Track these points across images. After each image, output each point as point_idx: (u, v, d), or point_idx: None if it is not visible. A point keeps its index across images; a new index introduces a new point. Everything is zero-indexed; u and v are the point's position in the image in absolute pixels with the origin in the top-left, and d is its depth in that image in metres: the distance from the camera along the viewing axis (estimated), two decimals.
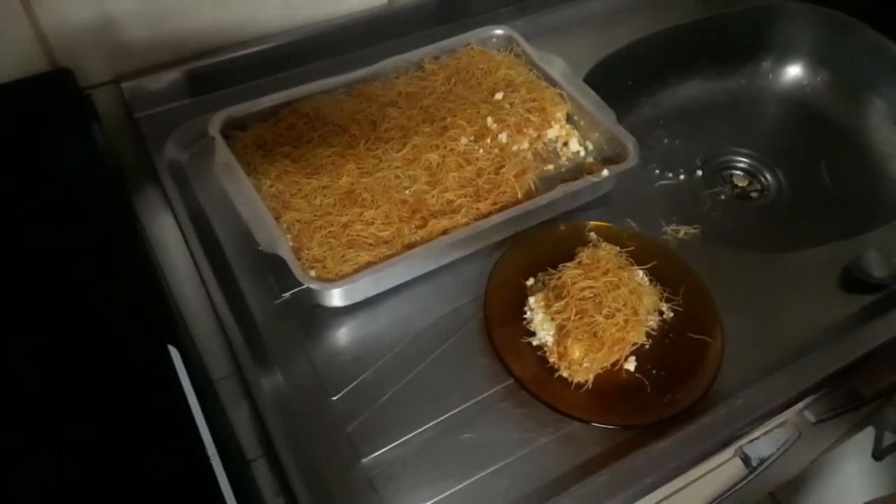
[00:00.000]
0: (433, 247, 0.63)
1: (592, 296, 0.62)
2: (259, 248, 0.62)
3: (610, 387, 0.61)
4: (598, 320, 0.61)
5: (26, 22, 0.68)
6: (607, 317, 0.61)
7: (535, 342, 0.63)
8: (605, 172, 0.71)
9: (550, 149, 0.77)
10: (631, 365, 0.62)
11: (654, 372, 0.62)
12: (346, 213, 0.65)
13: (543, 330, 0.63)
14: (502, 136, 0.74)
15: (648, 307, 0.64)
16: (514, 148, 0.74)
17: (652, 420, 0.58)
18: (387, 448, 0.57)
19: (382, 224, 0.65)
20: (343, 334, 0.64)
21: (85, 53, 0.73)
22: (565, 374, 0.61)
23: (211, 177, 0.70)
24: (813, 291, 0.69)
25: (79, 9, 0.70)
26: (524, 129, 0.75)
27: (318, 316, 0.64)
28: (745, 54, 1.02)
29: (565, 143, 0.77)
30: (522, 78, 0.79)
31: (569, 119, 0.78)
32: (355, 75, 0.76)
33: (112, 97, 0.76)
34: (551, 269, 0.66)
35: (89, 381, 0.52)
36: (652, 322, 0.64)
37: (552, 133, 0.76)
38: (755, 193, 0.93)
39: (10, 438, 0.49)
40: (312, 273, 0.61)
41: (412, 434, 0.57)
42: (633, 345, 0.62)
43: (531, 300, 0.64)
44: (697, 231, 0.73)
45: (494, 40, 0.83)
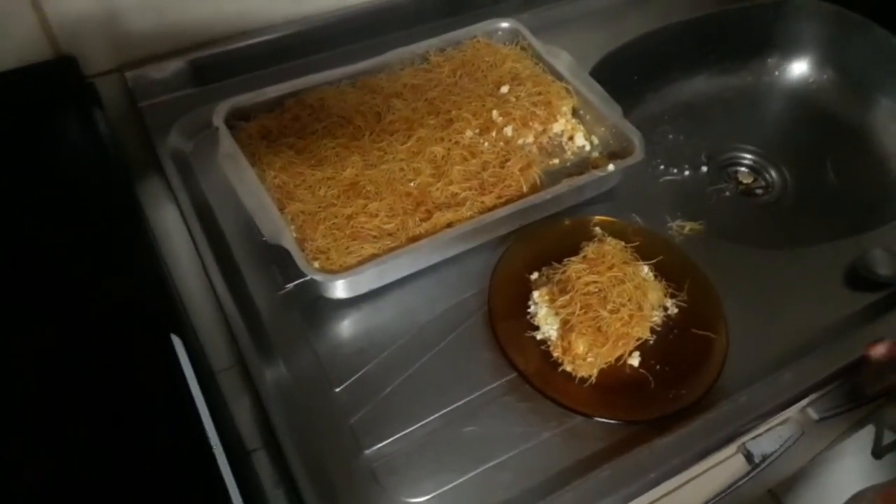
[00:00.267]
0: (437, 240, 0.63)
1: (597, 290, 0.62)
2: (263, 238, 0.62)
3: (614, 382, 0.60)
4: (603, 315, 0.61)
5: (30, 9, 0.68)
6: (612, 312, 0.61)
7: (539, 336, 0.62)
8: (611, 167, 0.70)
9: (556, 143, 0.76)
10: (635, 360, 0.62)
11: (657, 367, 0.62)
12: (350, 204, 0.65)
13: (547, 324, 0.62)
14: (508, 130, 0.74)
15: (653, 302, 0.64)
16: (520, 141, 0.74)
17: (655, 415, 0.58)
18: (389, 440, 0.57)
19: (387, 216, 0.65)
20: (346, 326, 0.63)
21: (89, 42, 0.72)
22: (569, 369, 0.60)
23: (215, 167, 0.69)
24: (818, 289, 0.69)
25: None
26: (530, 123, 0.75)
27: (321, 308, 0.64)
28: (751, 50, 1.01)
29: (571, 138, 0.77)
30: (528, 71, 0.79)
31: (574, 113, 0.78)
32: (360, 67, 0.76)
33: (116, 86, 0.76)
34: (556, 264, 0.66)
35: (92, 371, 0.52)
36: (656, 317, 0.64)
37: (558, 127, 0.76)
38: (760, 190, 0.92)
39: (13, 426, 0.49)
40: (316, 264, 0.61)
41: (415, 427, 0.57)
42: (637, 340, 0.62)
43: (535, 294, 0.64)
44: (702, 227, 0.73)
45: (500, 33, 0.83)
